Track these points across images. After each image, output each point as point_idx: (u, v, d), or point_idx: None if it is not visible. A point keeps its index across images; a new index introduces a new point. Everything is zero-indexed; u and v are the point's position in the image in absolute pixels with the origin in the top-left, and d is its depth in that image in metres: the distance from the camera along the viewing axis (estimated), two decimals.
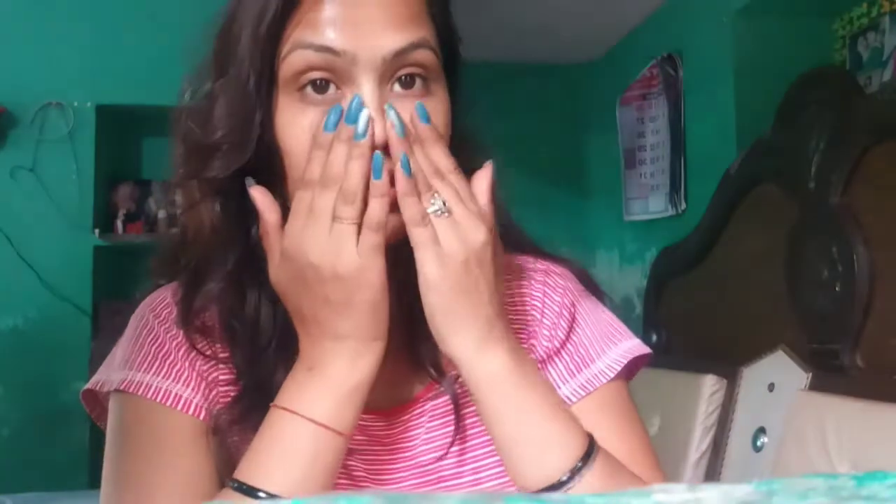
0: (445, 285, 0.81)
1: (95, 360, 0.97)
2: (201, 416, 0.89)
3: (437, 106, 0.86)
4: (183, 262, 0.93)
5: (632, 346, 0.99)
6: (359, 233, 0.80)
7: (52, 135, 3.68)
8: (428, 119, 0.83)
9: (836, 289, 2.33)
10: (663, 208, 3.78)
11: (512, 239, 0.98)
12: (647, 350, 1.00)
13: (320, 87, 0.84)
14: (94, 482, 3.47)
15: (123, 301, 3.94)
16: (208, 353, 0.91)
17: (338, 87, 0.84)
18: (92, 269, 3.68)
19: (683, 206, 3.62)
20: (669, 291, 3.35)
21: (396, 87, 0.84)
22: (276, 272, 0.84)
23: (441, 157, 0.83)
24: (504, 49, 4.20)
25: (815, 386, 2.31)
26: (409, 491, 0.93)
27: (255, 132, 0.85)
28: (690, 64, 3.63)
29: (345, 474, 0.91)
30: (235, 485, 0.81)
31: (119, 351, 0.95)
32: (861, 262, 2.25)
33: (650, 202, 3.94)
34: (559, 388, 0.95)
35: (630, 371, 1.00)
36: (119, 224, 3.83)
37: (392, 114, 0.82)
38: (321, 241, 0.80)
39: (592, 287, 1.05)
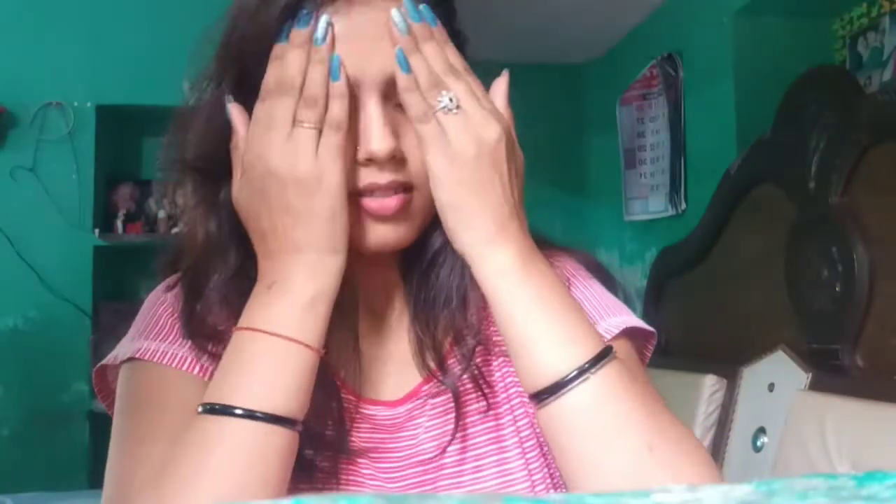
0: (454, 181, 0.81)
1: (95, 360, 0.96)
2: (207, 377, 0.87)
3: None
4: (181, 270, 0.93)
5: (629, 319, 0.96)
6: (319, 138, 0.81)
7: (52, 135, 3.69)
8: (436, 21, 0.84)
9: (836, 289, 2.33)
10: (663, 208, 3.79)
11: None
12: (646, 327, 0.97)
13: None
14: (94, 482, 3.47)
15: (123, 301, 3.96)
16: (211, 351, 0.89)
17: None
18: (92, 269, 3.68)
19: (683, 206, 3.62)
20: (669, 291, 3.35)
21: (396, 108, 0.85)
22: (238, 189, 0.83)
23: (453, 56, 0.84)
24: (504, 49, 4.19)
25: (815, 386, 2.31)
26: (411, 483, 0.92)
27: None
28: (690, 64, 3.63)
29: (350, 462, 0.90)
30: (207, 408, 0.78)
31: (133, 328, 0.95)
32: (861, 262, 2.26)
33: (650, 202, 3.94)
34: None
35: (640, 354, 0.98)
36: (119, 224, 3.83)
37: (394, 13, 0.82)
38: (280, 146, 0.80)
39: (601, 273, 1.03)
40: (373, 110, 0.83)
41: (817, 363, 2.36)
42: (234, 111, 0.85)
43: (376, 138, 0.82)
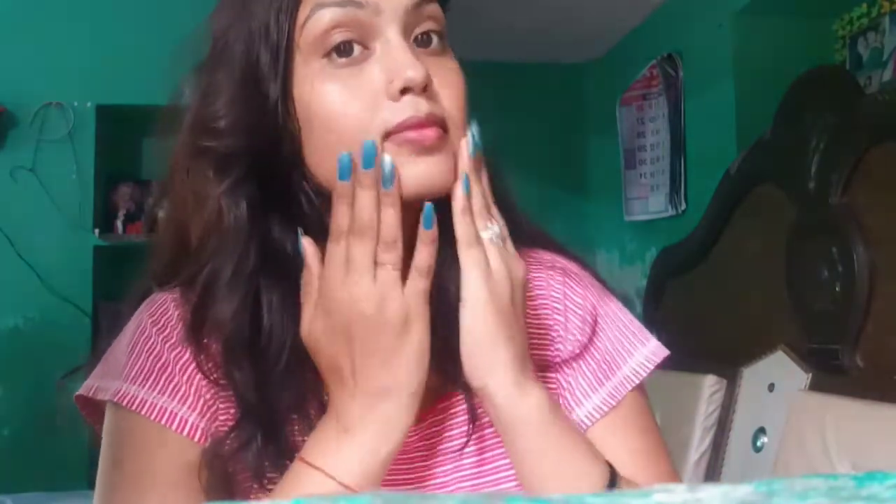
0: (494, 309, 0.81)
1: (95, 361, 0.95)
2: (196, 437, 0.85)
3: (454, 64, 0.87)
4: (190, 272, 0.88)
5: (654, 348, 0.97)
6: (403, 277, 0.80)
7: (52, 135, 3.68)
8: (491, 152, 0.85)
9: (836, 289, 2.33)
10: (663, 208, 3.78)
11: (524, 231, 0.96)
12: (667, 352, 0.98)
13: (345, 50, 0.82)
14: (93, 482, 3.47)
15: (123, 301, 3.94)
16: (210, 373, 0.86)
17: (364, 47, 0.82)
18: (92, 269, 3.68)
19: (683, 206, 3.62)
20: (669, 291, 3.35)
21: (415, 45, 0.83)
22: (312, 325, 0.81)
23: (507, 192, 0.87)
24: (504, 49, 4.20)
25: (815, 386, 2.31)
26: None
27: (272, 109, 0.83)
28: (690, 64, 3.63)
29: None
30: None
31: (115, 357, 0.91)
32: (861, 263, 2.25)
33: (650, 202, 3.94)
34: (588, 397, 0.94)
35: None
36: (119, 224, 3.83)
37: (474, 130, 0.83)
38: (366, 290, 0.78)
39: (602, 284, 1.02)
40: (398, 41, 0.81)
41: (817, 363, 2.35)
42: (308, 247, 0.83)
43: (412, 65, 0.80)
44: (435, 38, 0.85)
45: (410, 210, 0.81)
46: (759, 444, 2.45)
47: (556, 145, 4.70)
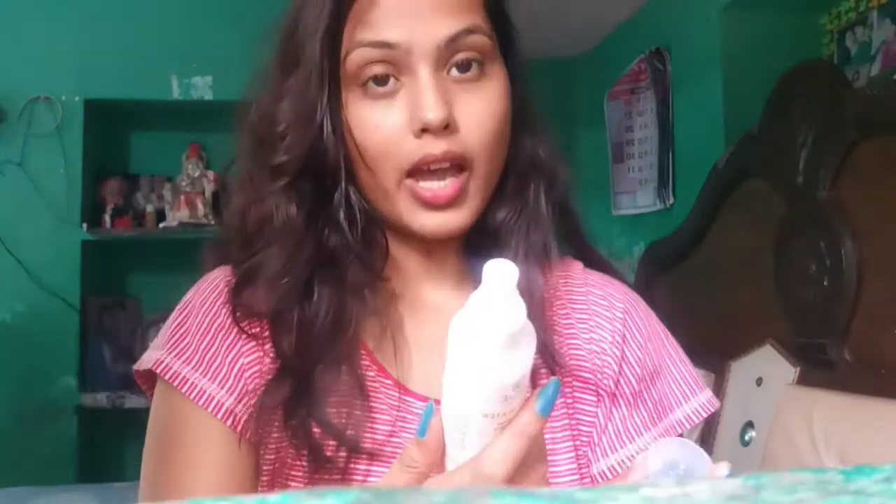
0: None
1: (85, 356, 0.95)
2: (229, 422, 0.88)
3: (494, 86, 0.90)
4: (242, 255, 0.92)
5: (706, 399, 1.01)
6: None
7: (41, 129, 3.67)
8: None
9: (824, 283, 2.33)
10: (651, 202, 3.79)
11: (582, 251, 1.02)
12: (717, 405, 1.02)
13: (380, 80, 0.87)
14: (80, 476, 3.47)
15: (111, 296, 3.92)
16: (252, 332, 0.90)
17: (397, 79, 0.87)
18: (80, 263, 3.67)
19: (671, 200, 3.62)
20: (658, 286, 3.35)
21: (454, 71, 0.88)
22: None
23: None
24: None
25: (803, 380, 2.32)
26: None
27: (317, 127, 0.88)
28: (678, 58, 3.63)
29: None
30: None
31: (165, 333, 0.94)
32: (849, 257, 2.26)
33: (638, 196, 3.94)
34: (640, 435, 0.97)
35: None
36: (107, 218, 3.81)
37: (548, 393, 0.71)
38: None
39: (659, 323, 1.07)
40: (425, 79, 0.86)
41: (805, 357, 2.36)
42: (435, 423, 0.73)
43: (430, 107, 0.84)
44: (474, 66, 0.89)
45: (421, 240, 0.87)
46: (746, 438, 2.45)
47: None
